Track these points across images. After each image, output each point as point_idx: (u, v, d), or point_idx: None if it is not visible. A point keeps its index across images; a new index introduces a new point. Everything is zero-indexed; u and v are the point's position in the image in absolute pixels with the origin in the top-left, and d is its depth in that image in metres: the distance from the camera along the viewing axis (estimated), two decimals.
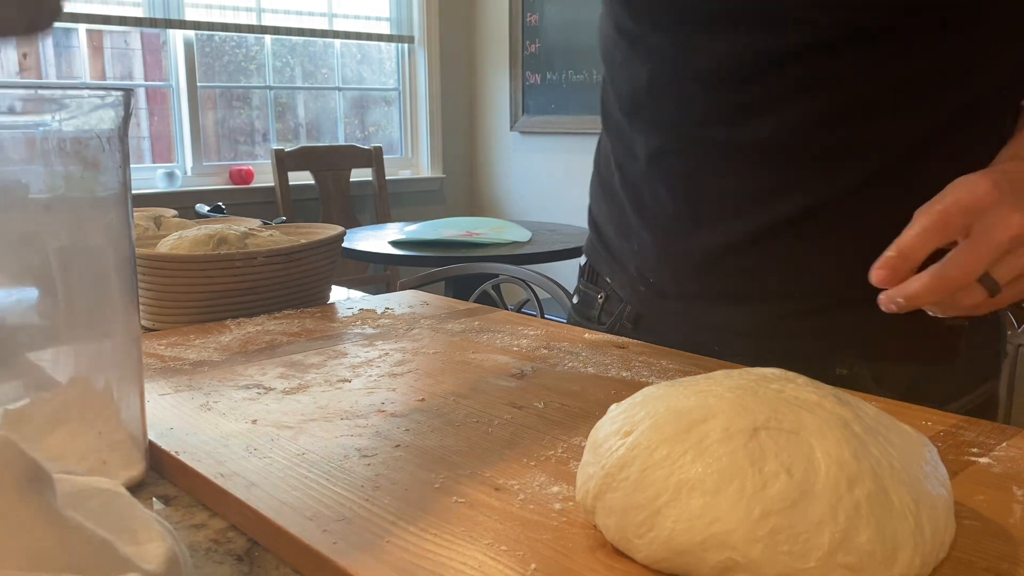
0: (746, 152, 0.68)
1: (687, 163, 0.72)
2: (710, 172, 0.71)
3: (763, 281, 0.70)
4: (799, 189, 0.67)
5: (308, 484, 0.46)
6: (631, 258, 0.80)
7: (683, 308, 0.76)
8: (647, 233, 0.77)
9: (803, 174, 0.67)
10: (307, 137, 4.07)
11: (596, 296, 0.87)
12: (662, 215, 0.75)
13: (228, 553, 0.42)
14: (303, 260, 0.88)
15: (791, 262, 0.69)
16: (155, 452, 0.52)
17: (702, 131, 0.69)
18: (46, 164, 0.44)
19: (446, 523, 0.41)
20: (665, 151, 0.73)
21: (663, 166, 0.73)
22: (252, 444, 0.52)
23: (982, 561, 0.38)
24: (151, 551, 0.31)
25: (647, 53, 0.72)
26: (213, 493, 0.47)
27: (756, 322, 0.72)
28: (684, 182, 0.72)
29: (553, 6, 3.89)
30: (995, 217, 0.52)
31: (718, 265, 0.72)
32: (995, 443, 0.51)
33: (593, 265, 0.88)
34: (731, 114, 0.68)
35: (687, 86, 0.69)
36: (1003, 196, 0.52)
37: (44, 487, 0.28)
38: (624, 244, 0.81)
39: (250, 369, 0.67)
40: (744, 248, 0.70)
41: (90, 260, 0.48)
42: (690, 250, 0.73)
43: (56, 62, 3.41)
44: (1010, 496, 0.44)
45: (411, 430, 0.54)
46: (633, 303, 0.82)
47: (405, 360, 0.69)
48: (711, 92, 0.68)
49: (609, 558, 0.38)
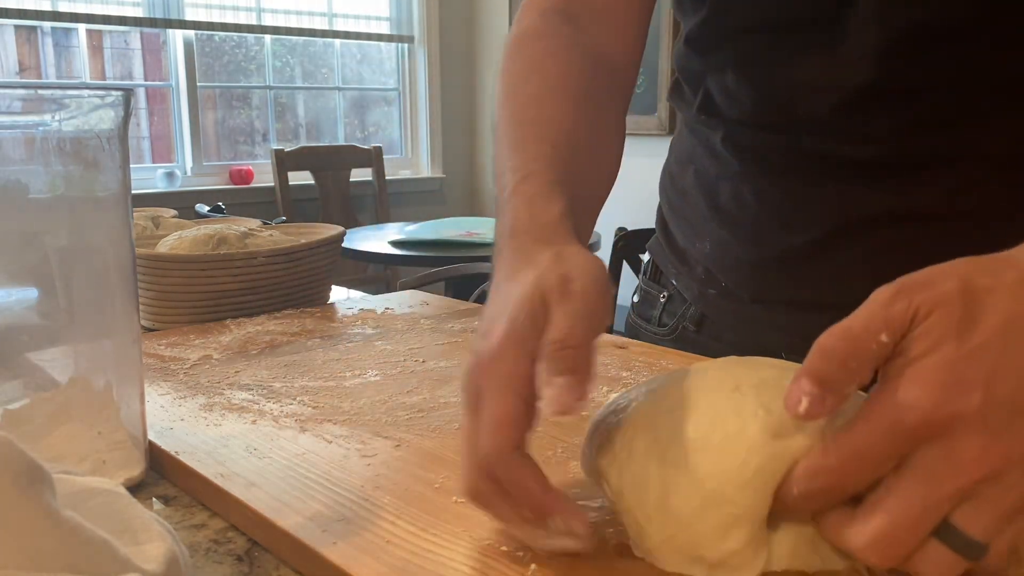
0: (846, 163, 0.65)
1: (781, 169, 0.69)
2: (803, 179, 0.68)
3: (843, 288, 0.66)
4: (892, 194, 0.65)
5: (308, 484, 0.46)
6: (701, 259, 0.78)
7: (753, 312, 0.74)
8: (726, 233, 0.74)
9: (898, 180, 0.64)
10: (307, 137, 4.07)
11: (659, 295, 0.85)
12: (744, 217, 0.72)
13: (228, 553, 0.42)
14: (303, 260, 0.88)
15: (875, 269, 0.64)
16: (155, 452, 0.51)
17: (806, 141, 0.67)
18: (46, 164, 0.44)
19: (446, 523, 0.41)
20: (759, 156, 0.71)
21: (753, 169, 0.71)
22: (252, 444, 0.52)
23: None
24: (151, 551, 0.31)
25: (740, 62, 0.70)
26: (213, 493, 0.47)
27: (821, 329, 0.68)
28: (774, 187, 0.70)
29: None
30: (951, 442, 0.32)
31: (799, 269, 0.70)
32: None
33: (658, 263, 0.86)
34: (840, 128, 0.65)
35: (793, 99, 0.66)
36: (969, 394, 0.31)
37: (44, 487, 0.28)
38: (694, 244, 0.79)
39: (250, 369, 0.67)
40: (828, 253, 0.67)
41: (90, 260, 0.47)
42: (772, 253, 0.71)
43: (56, 62, 3.42)
44: None
45: (411, 430, 0.54)
46: (699, 304, 0.80)
47: (405, 360, 0.69)
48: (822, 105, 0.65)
49: (610, 559, 0.38)
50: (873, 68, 0.61)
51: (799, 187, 0.68)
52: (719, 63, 0.71)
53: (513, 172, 0.51)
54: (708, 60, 0.73)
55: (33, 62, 3.37)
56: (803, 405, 0.33)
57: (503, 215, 0.49)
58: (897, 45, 0.60)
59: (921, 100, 0.62)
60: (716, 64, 0.72)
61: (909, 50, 0.61)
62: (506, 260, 0.45)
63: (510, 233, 0.46)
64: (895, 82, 0.62)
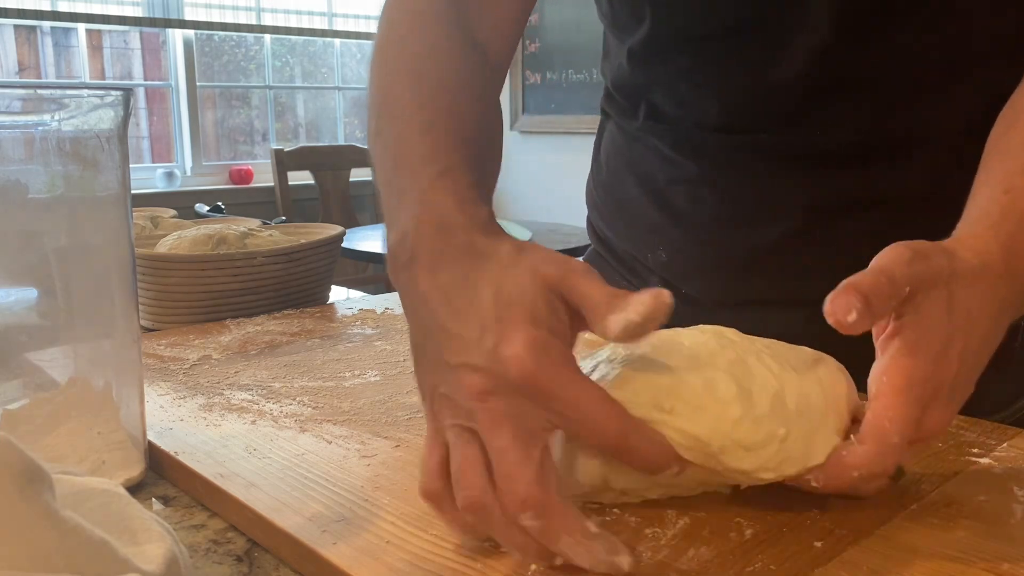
0: (812, 153, 0.65)
1: (744, 166, 0.69)
2: (768, 173, 0.67)
3: (807, 285, 0.66)
4: (859, 180, 0.64)
5: (307, 484, 0.46)
6: (657, 268, 0.77)
7: (716, 317, 0.73)
8: (683, 239, 0.73)
9: (865, 167, 0.64)
10: (307, 137, 4.07)
11: None
12: (704, 219, 0.71)
13: (228, 553, 0.42)
14: (303, 260, 0.88)
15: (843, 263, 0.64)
16: (155, 452, 0.51)
17: (769, 137, 0.67)
18: (45, 164, 0.44)
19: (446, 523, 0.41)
20: (720, 157, 0.70)
21: (712, 171, 0.70)
22: (251, 444, 0.52)
23: (981, 561, 0.38)
24: (150, 552, 0.31)
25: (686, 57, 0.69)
26: (212, 493, 0.47)
27: (787, 327, 0.68)
28: (739, 185, 0.69)
29: (553, 5, 3.89)
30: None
31: (765, 268, 0.69)
32: (996, 443, 0.51)
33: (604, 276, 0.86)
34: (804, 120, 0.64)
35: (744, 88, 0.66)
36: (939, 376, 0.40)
37: (43, 488, 0.28)
38: (645, 255, 0.77)
39: (250, 369, 0.67)
40: (796, 246, 0.67)
41: (90, 260, 0.47)
42: (737, 252, 0.70)
43: (55, 62, 3.42)
44: (1011, 496, 0.44)
45: (410, 430, 0.54)
46: None
47: (404, 360, 0.69)
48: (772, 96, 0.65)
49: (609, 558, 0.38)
50: (832, 57, 0.61)
51: (765, 181, 0.68)
52: (668, 75, 0.70)
53: (426, 162, 0.47)
54: (654, 73, 0.72)
55: (33, 62, 3.37)
56: (852, 316, 0.37)
57: (416, 205, 0.45)
58: (853, 30, 0.60)
59: (884, 83, 0.62)
60: (664, 77, 0.71)
61: (865, 34, 0.60)
62: (449, 256, 0.41)
63: (440, 226, 0.43)
64: (857, 68, 0.62)
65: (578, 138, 3.82)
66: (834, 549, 0.39)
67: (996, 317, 0.42)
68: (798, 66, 0.62)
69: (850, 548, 0.39)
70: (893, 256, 0.39)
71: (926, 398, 0.39)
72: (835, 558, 0.38)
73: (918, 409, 0.38)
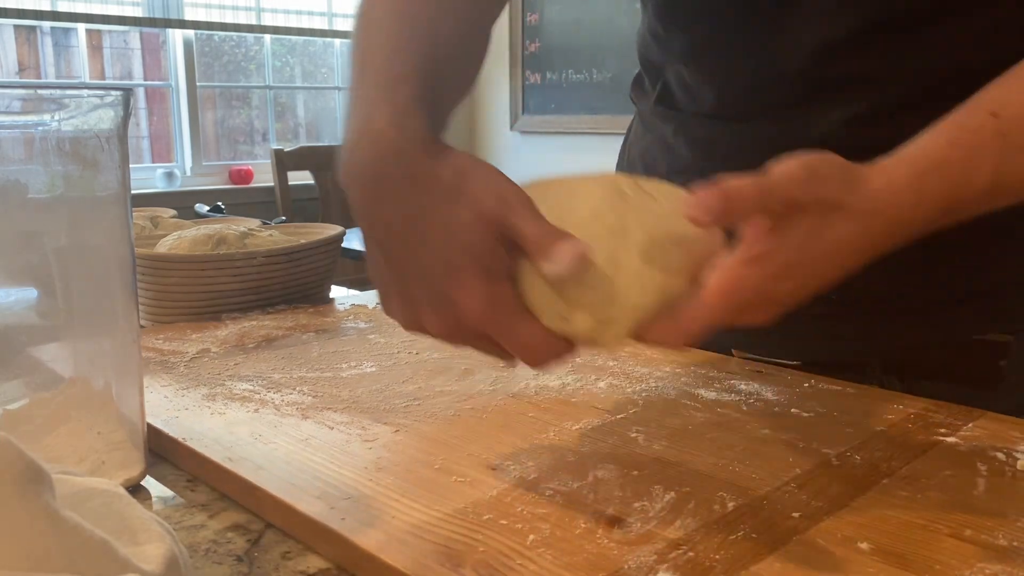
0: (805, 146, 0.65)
1: (736, 156, 0.68)
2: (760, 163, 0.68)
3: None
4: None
5: (314, 467, 0.48)
6: None
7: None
8: None
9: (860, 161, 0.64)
10: (307, 137, 4.07)
11: None
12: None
13: (228, 553, 0.42)
14: (303, 260, 0.88)
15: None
16: (162, 439, 0.52)
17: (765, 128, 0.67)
18: (45, 164, 0.44)
19: (448, 500, 0.43)
20: (712, 146, 0.70)
21: (704, 160, 0.71)
22: (257, 432, 0.53)
23: (946, 528, 0.41)
24: (150, 552, 0.31)
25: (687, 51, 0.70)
26: (223, 476, 0.48)
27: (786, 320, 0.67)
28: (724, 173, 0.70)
29: (553, 6, 3.89)
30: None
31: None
32: (962, 424, 0.54)
33: None
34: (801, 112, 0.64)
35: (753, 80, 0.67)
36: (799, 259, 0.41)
37: (43, 487, 0.28)
38: None
39: (249, 362, 0.68)
40: None
41: (90, 260, 0.48)
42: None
43: (55, 62, 3.42)
44: (974, 471, 0.47)
45: (408, 416, 0.56)
46: None
47: (399, 352, 0.70)
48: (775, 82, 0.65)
49: (605, 532, 0.40)
50: (837, 52, 0.61)
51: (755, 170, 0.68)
52: (677, 53, 0.71)
53: (378, 70, 0.48)
54: (667, 48, 0.73)
55: (32, 62, 3.37)
56: (704, 216, 0.38)
57: (361, 116, 0.46)
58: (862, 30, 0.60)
59: (883, 87, 0.62)
60: (674, 54, 0.72)
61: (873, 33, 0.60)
62: (390, 187, 0.44)
63: (375, 140, 0.44)
64: (861, 66, 0.62)
65: (578, 138, 3.82)
66: (811, 519, 0.41)
67: (864, 251, 0.42)
68: (802, 58, 0.62)
69: (826, 518, 0.42)
70: (789, 173, 0.40)
71: (744, 306, 0.40)
72: (812, 527, 0.41)
73: (733, 314, 0.40)
